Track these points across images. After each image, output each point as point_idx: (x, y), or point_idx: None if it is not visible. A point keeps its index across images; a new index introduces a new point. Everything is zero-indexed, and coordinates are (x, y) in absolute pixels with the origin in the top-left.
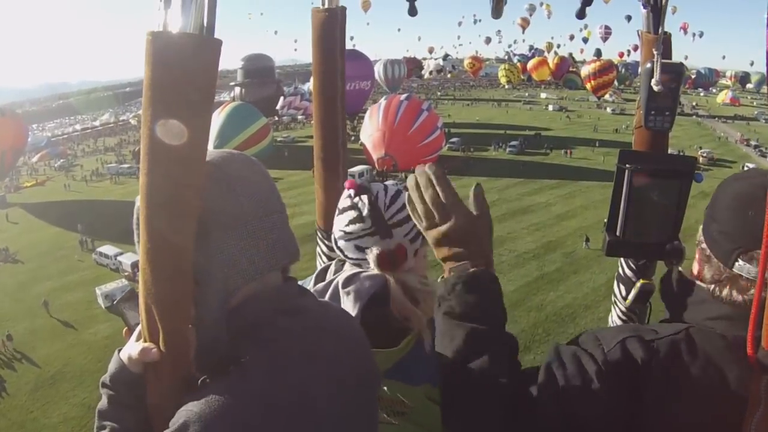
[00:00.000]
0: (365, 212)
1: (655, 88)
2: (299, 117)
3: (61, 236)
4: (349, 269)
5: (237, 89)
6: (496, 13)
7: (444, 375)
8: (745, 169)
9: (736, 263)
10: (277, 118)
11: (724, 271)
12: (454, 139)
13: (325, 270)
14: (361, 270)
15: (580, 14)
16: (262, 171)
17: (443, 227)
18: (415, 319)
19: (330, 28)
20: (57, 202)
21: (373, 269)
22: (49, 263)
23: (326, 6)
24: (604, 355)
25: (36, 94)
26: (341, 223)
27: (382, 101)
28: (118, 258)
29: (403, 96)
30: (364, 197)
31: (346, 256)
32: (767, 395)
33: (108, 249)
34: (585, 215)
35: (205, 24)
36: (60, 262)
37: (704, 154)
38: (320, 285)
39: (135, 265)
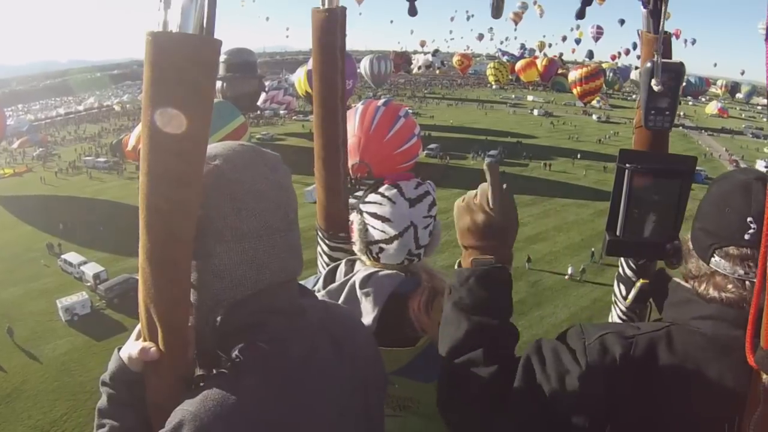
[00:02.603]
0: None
1: (655, 88)
2: (281, 112)
3: (32, 236)
4: (363, 269)
5: (219, 83)
6: (497, 12)
7: (442, 360)
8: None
9: (713, 259)
10: (258, 112)
11: (702, 267)
12: (432, 145)
13: (334, 270)
14: (377, 269)
15: (580, 14)
16: (276, 179)
17: (480, 218)
18: (431, 331)
19: (330, 28)
20: (32, 197)
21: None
22: (17, 266)
23: (326, 6)
24: (583, 349)
25: (26, 71)
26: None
27: (359, 106)
28: (81, 267)
29: (381, 101)
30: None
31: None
32: (766, 395)
33: (72, 257)
34: (556, 239)
35: (204, 24)
36: (28, 266)
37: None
38: (333, 285)
39: (96, 277)
